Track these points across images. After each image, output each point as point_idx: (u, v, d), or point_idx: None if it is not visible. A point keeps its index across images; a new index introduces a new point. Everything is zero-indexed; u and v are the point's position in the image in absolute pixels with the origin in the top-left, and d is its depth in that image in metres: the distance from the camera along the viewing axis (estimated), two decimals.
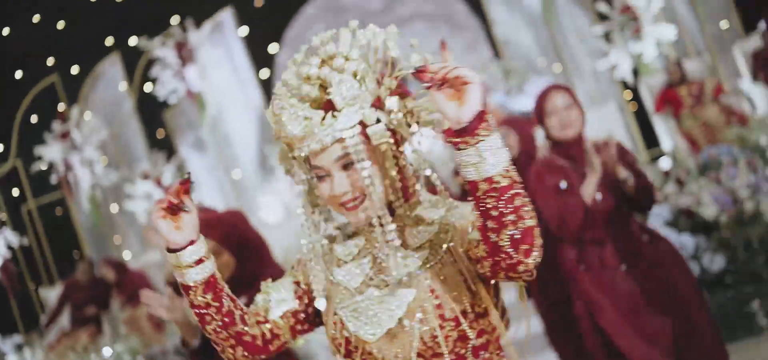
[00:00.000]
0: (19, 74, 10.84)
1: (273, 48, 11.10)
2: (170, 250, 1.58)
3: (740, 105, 8.26)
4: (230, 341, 1.66)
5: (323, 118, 1.53)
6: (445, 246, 1.58)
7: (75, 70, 10.79)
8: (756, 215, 5.24)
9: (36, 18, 10.79)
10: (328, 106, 1.55)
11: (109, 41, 10.77)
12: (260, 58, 10.98)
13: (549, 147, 3.58)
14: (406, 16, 11.13)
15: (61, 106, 10.54)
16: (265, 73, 11.00)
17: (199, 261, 1.58)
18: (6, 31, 10.82)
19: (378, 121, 1.54)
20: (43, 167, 10.16)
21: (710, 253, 5.31)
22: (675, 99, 8.25)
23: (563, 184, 3.42)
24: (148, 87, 10.61)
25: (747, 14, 9.25)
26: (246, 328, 1.66)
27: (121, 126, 10.71)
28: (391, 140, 1.57)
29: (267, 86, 10.95)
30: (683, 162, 6.39)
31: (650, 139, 9.14)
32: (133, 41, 10.48)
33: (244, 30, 10.85)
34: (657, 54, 9.18)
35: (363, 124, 1.53)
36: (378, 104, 1.56)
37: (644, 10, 9.14)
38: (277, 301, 1.71)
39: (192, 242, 1.57)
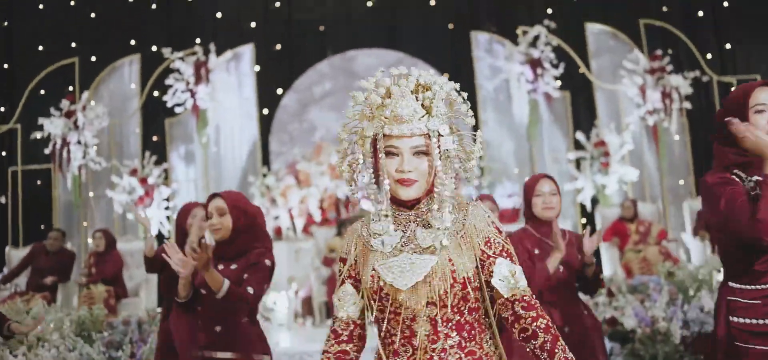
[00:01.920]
0: (41, 47, 11.48)
1: (280, 91, 11.86)
2: None
3: (678, 252, 9.15)
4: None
5: (422, 116, 2.14)
6: (463, 227, 2.18)
7: (94, 58, 11.44)
8: (666, 335, 6.09)
9: (72, 2, 11.58)
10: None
11: (133, 42, 11.52)
12: (266, 97, 11.72)
13: (528, 221, 4.29)
14: None
15: (71, 88, 11.17)
16: (266, 110, 11.75)
17: None
18: (41, 6, 11.55)
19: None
20: (39, 136, 10.60)
21: (622, 359, 6.17)
22: (623, 232, 9.08)
23: (536, 251, 4.13)
24: (156, 92, 11.32)
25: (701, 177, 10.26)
26: (357, 350, 2.30)
27: (123, 121, 11.34)
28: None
29: (266, 122, 11.71)
30: (618, 282, 7.25)
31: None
32: (155, 48, 11.27)
33: (258, 68, 11.69)
34: (617, 189, 10.13)
35: (438, 135, 2.15)
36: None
37: (616, 150, 10.16)
38: (352, 305, 2.28)
39: None
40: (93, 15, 11.57)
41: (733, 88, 10.46)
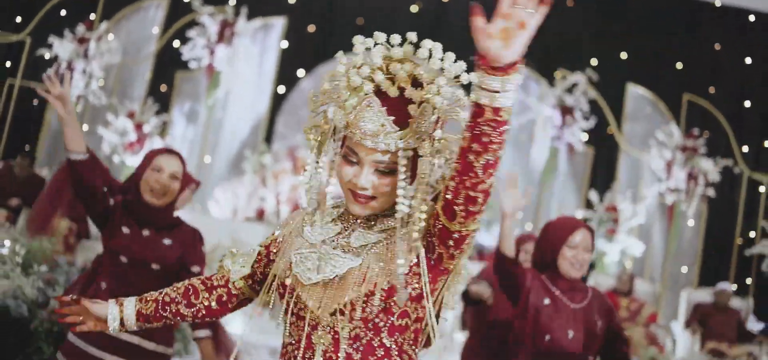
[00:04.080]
0: None
1: (301, 73, 11.77)
2: None
3: (664, 340, 8.93)
4: (194, 319, 2.11)
5: (390, 133, 1.72)
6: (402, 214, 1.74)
7: None
8: None
9: None
10: (399, 104, 1.72)
11: None
12: (286, 75, 11.69)
13: (544, 271, 3.61)
14: None
15: (93, 16, 11.22)
16: (282, 89, 11.71)
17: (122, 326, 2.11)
18: None
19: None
20: (47, 56, 10.66)
21: None
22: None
23: (546, 301, 3.50)
24: (176, 42, 11.35)
25: (707, 269, 10.05)
26: (195, 310, 2.09)
27: (135, 62, 11.38)
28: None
29: (279, 101, 11.68)
30: None
31: None
32: None
33: (285, 44, 11.68)
34: (618, 260, 9.94)
35: (415, 151, 1.74)
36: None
37: (626, 220, 9.98)
38: (238, 267, 2.08)
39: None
40: None
41: (761, 187, 10.23)
